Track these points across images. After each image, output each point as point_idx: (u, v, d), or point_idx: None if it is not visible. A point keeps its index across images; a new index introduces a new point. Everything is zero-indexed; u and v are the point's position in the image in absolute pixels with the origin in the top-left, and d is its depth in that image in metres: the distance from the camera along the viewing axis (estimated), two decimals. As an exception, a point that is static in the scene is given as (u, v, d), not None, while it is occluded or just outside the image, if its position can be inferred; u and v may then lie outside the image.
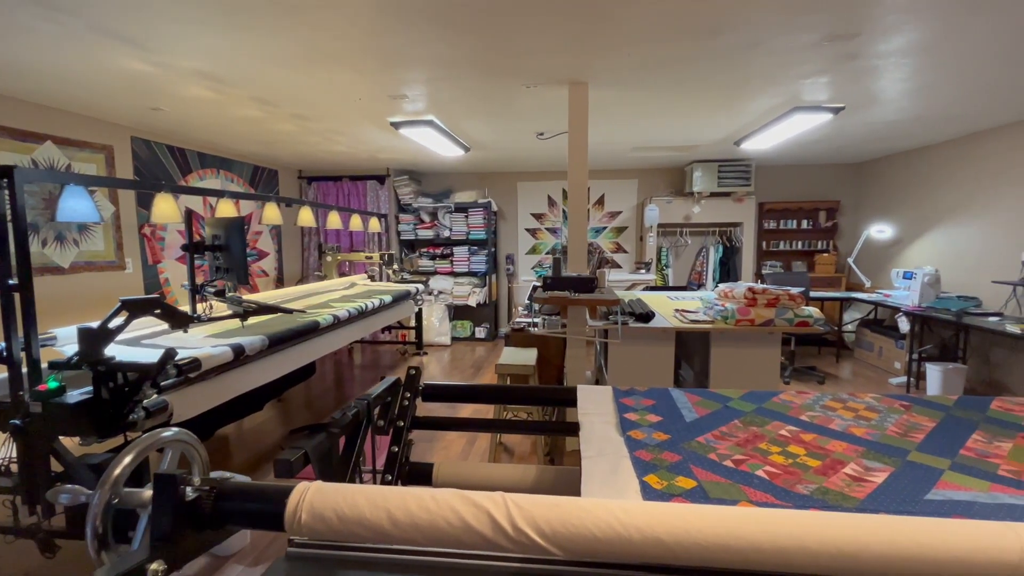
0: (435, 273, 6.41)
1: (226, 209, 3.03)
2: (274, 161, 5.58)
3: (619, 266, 6.58)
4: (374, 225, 5.35)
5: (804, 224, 6.05)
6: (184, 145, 4.42)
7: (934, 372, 4.09)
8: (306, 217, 3.93)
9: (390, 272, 5.29)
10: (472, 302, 6.25)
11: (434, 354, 5.91)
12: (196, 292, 2.23)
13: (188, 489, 0.72)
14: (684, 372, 3.58)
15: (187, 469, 1.02)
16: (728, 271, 6.07)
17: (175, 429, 0.97)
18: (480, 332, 6.48)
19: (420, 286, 5.09)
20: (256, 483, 0.77)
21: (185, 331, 2.26)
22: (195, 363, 2.07)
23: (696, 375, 3.31)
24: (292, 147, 4.77)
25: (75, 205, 2.24)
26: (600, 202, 6.56)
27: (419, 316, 5.71)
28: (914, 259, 5.02)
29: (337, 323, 3.34)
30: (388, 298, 4.22)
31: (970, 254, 4.40)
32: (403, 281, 5.40)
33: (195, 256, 2.52)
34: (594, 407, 1.33)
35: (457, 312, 6.49)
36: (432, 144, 4.34)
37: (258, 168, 5.49)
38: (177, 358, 1.98)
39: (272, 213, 3.51)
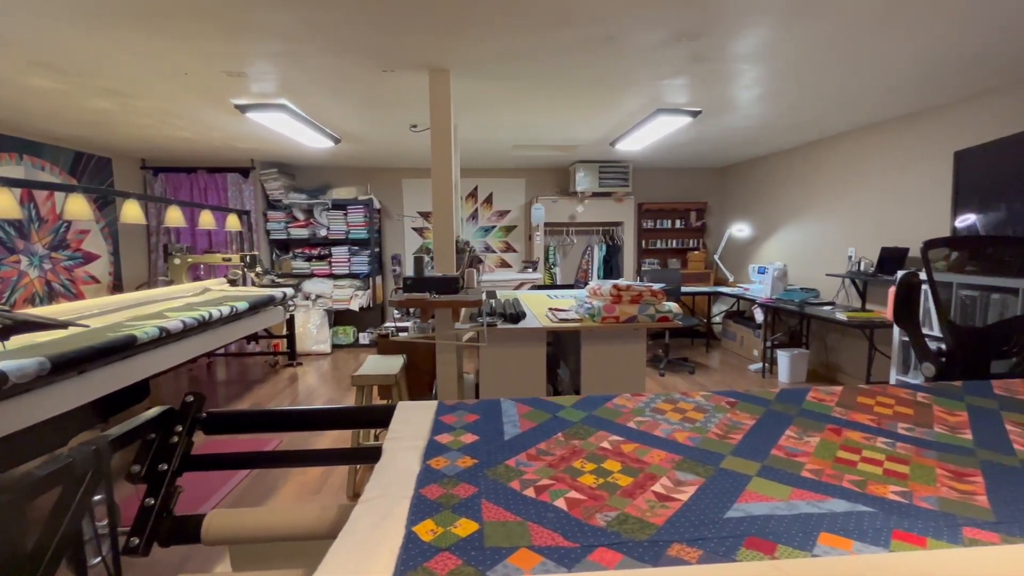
0: (311, 276, 5.88)
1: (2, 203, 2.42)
2: (104, 147, 4.74)
3: (509, 265, 6.54)
4: (232, 223, 4.75)
5: (678, 224, 6.43)
6: (-36, 122, 3.56)
7: (783, 358, 4.48)
8: (132, 213, 3.32)
9: (253, 275, 4.72)
10: (354, 306, 5.83)
11: (312, 364, 5.41)
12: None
13: None
14: (562, 371, 3.55)
15: None
16: (611, 269, 6.26)
17: None
18: (364, 338, 6.07)
19: (289, 290, 4.59)
20: None
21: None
22: (-89, 401, 1.56)
23: (572, 374, 3.29)
24: (122, 130, 4.05)
25: None
26: (489, 201, 6.46)
27: (291, 323, 5.19)
28: (768, 255, 5.52)
29: (166, 337, 2.84)
30: (243, 305, 3.71)
31: (810, 250, 4.91)
32: (273, 284, 4.86)
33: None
34: (408, 429, 1.14)
35: (338, 317, 6.02)
36: (292, 133, 3.91)
37: (82, 155, 4.62)
38: None
39: (77, 207, 2.89)
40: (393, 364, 2.70)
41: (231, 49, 2.48)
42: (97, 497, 0.97)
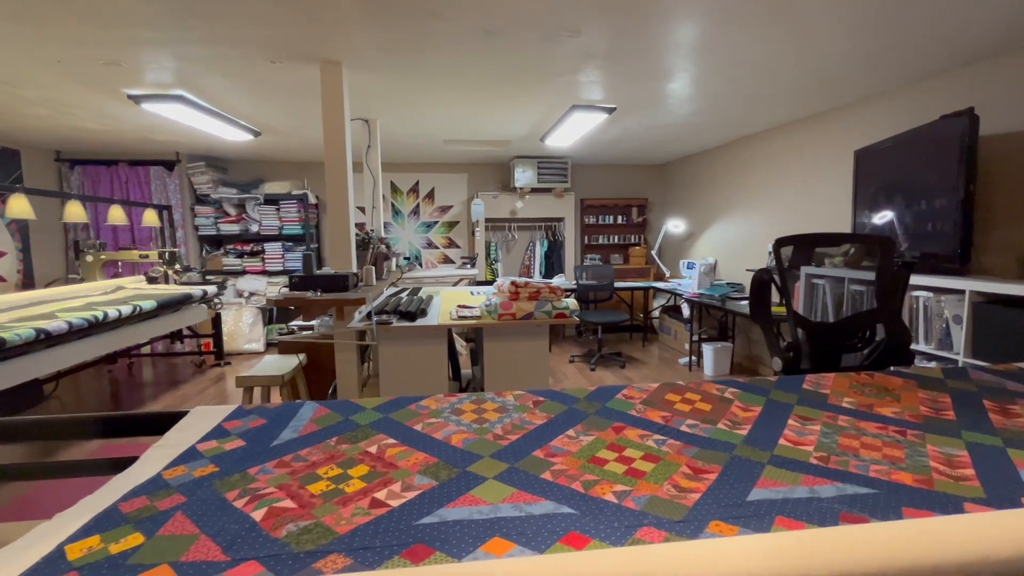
0: (243, 273, 5.72)
1: None
2: (9, 138, 4.50)
3: (452, 261, 6.49)
4: (150, 219, 4.57)
5: (619, 219, 6.49)
6: None
7: (708, 351, 4.58)
8: (19, 207, 3.16)
9: (171, 272, 4.55)
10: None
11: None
12: None
13: None
14: (476, 369, 3.54)
15: None
16: (553, 265, 6.28)
17: None
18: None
19: (212, 288, 4.44)
20: None
21: None
22: None
23: (481, 370, 3.28)
24: (18, 120, 3.85)
25: None
26: (431, 196, 6.39)
27: (217, 321, 5.04)
28: (701, 251, 5.61)
29: (46, 339, 2.70)
30: (149, 304, 3.57)
31: (738, 245, 5.01)
32: (202, 281, 4.69)
33: None
34: (182, 436, 1.10)
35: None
36: (200, 125, 3.77)
37: (-18, 146, 4.38)
38: None
39: (-53, 202, 2.72)
40: (286, 364, 2.64)
41: (102, 37, 2.36)
42: None
